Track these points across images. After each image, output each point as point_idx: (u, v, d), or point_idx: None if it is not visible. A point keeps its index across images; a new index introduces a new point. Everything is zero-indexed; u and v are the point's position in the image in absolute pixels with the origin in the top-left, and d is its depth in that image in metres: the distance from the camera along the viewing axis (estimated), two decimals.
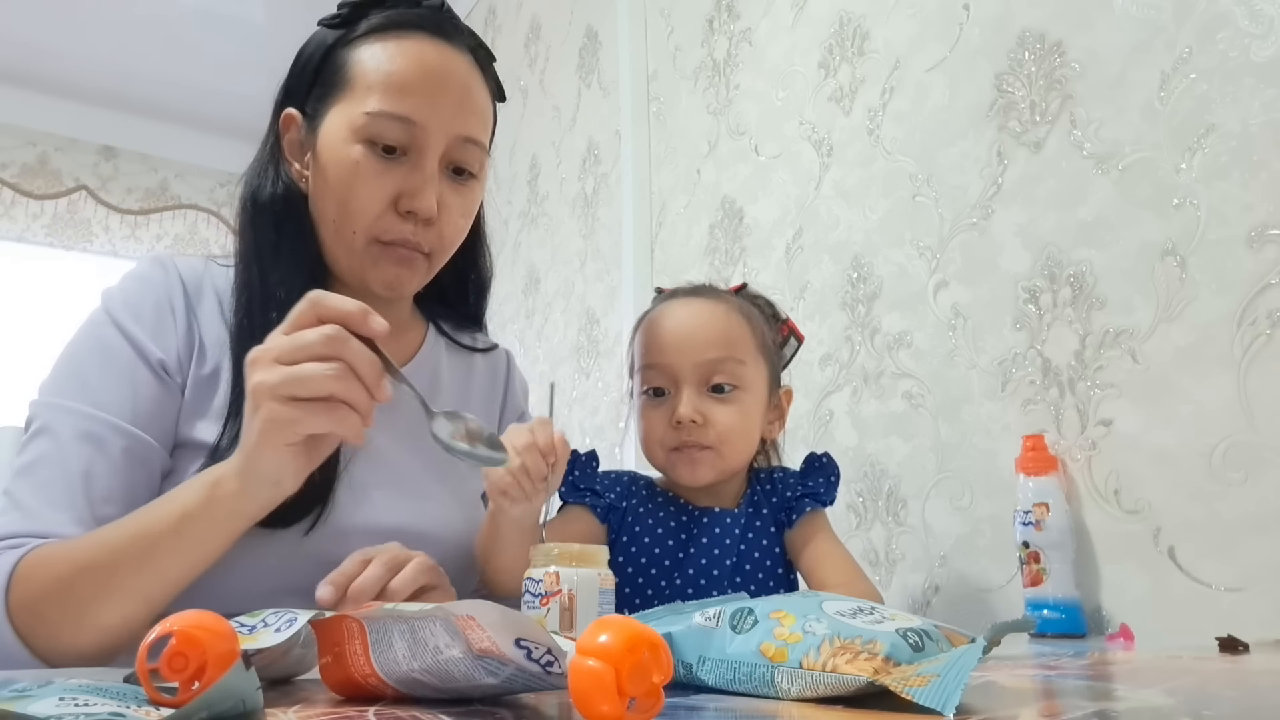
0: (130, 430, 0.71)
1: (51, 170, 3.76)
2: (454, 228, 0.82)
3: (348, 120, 0.76)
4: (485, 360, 0.99)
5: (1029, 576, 0.99)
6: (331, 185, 0.77)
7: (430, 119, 0.76)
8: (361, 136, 0.76)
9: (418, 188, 0.76)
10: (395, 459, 0.83)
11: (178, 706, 0.33)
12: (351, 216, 0.77)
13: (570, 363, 2.19)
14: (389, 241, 0.78)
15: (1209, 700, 0.42)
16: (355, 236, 0.78)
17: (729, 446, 0.94)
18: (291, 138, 0.82)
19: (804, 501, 0.95)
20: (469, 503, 0.88)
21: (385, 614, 0.39)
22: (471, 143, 0.80)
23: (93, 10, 3.15)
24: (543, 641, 0.36)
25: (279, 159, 0.82)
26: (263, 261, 0.78)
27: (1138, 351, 0.99)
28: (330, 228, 0.79)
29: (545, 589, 0.59)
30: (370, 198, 0.76)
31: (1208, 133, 0.95)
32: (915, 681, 0.37)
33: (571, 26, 2.33)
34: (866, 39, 1.40)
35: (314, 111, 0.80)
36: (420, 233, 0.79)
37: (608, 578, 0.61)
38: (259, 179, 0.82)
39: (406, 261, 0.79)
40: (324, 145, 0.78)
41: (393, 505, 0.80)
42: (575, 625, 0.57)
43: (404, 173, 0.76)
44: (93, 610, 0.62)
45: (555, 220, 2.33)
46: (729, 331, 0.95)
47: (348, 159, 0.76)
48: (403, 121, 0.75)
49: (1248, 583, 0.87)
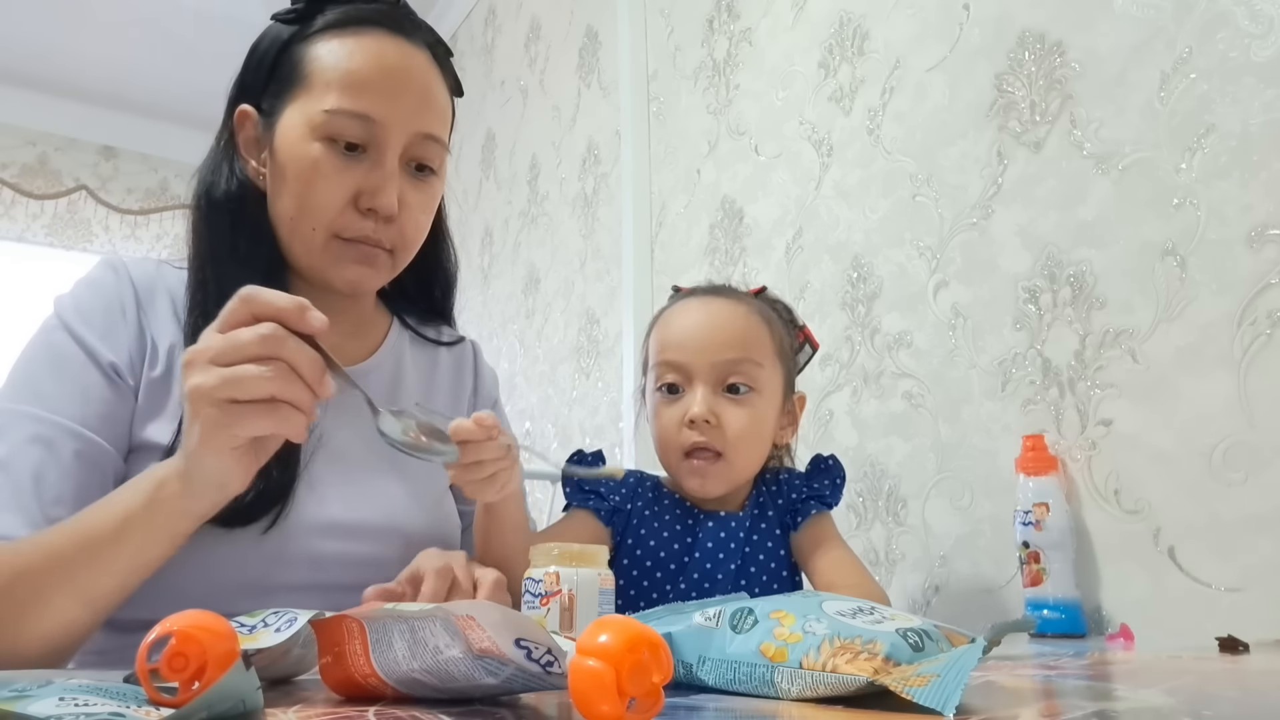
0: (82, 433, 0.71)
1: (51, 170, 3.76)
2: (415, 224, 0.81)
3: (306, 118, 0.75)
4: (451, 354, 0.99)
5: (1029, 576, 0.99)
6: (290, 183, 0.76)
7: (390, 116, 0.76)
8: (321, 134, 0.75)
9: (378, 185, 0.76)
10: (355, 454, 0.82)
11: (178, 706, 0.33)
12: (311, 214, 0.76)
13: (570, 363, 2.19)
14: (350, 239, 0.77)
15: (1209, 700, 0.42)
16: (314, 234, 0.77)
17: (739, 453, 0.93)
18: (247, 134, 0.81)
19: (809, 504, 0.95)
20: (432, 495, 0.87)
21: (385, 614, 0.39)
22: (432, 139, 0.80)
23: (93, 10, 3.15)
24: (543, 641, 0.36)
25: (233, 156, 0.81)
26: (218, 260, 0.77)
27: (1138, 351, 0.99)
28: (288, 225, 0.78)
29: (545, 589, 0.59)
30: (330, 195, 0.75)
31: (1208, 133, 0.95)
32: (915, 681, 0.37)
33: (571, 26, 2.33)
34: (866, 39, 1.40)
35: (270, 108, 0.79)
36: (381, 230, 0.78)
37: (608, 578, 0.61)
38: (212, 175, 0.81)
39: (368, 259, 0.79)
40: (282, 142, 0.77)
41: (352, 501, 0.79)
42: (575, 625, 0.57)
43: (364, 170, 0.76)
44: (32, 615, 0.61)
45: (555, 220, 2.33)
46: (748, 333, 0.95)
47: (306, 156, 0.75)
48: (362, 119, 0.75)
49: (1248, 583, 0.87)
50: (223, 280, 0.75)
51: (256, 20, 0.80)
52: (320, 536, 0.75)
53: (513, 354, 2.47)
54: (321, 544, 0.75)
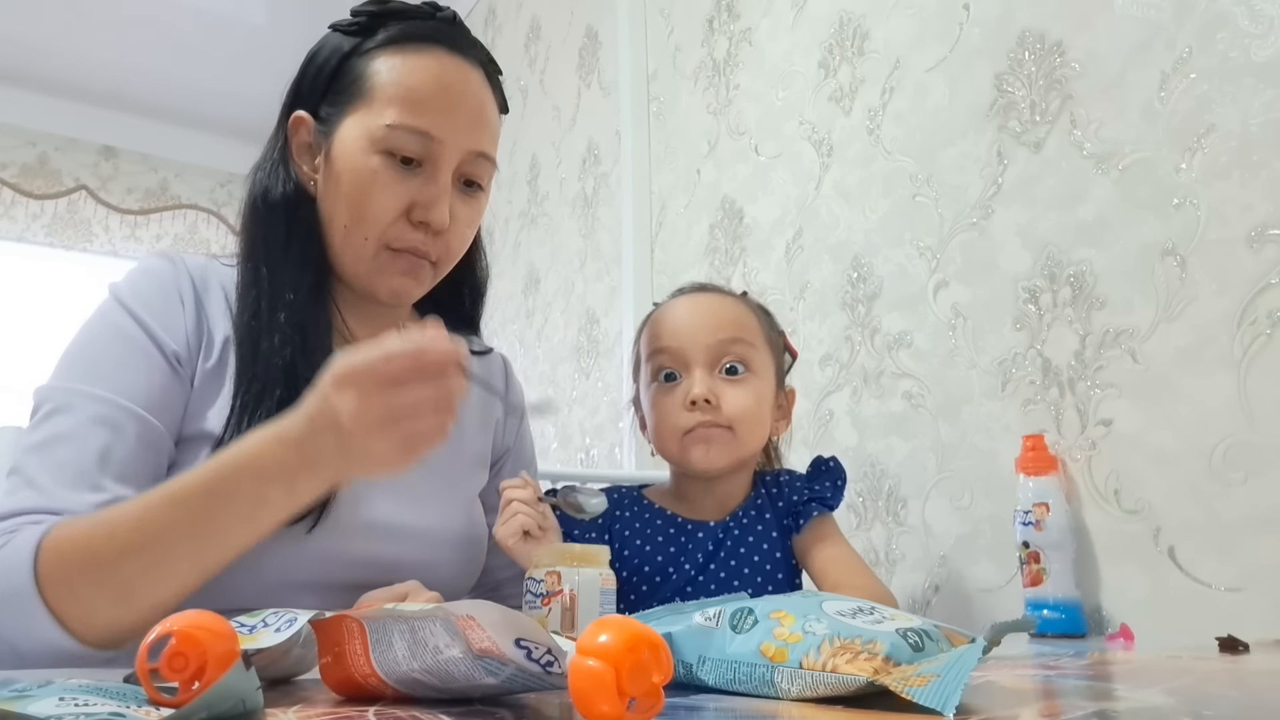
0: (145, 416, 0.72)
1: (51, 170, 3.76)
2: (460, 238, 0.84)
3: (366, 130, 0.78)
4: (481, 364, 0.99)
5: (1029, 576, 0.99)
6: (345, 191, 0.78)
7: (447, 134, 0.78)
8: (380, 148, 0.77)
9: (432, 200, 0.78)
10: None
11: (178, 706, 0.33)
12: (365, 223, 0.78)
13: (570, 363, 2.19)
14: (399, 249, 0.79)
15: (1209, 700, 0.42)
16: (366, 243, 0.79)
17: (743, 426, 0.93)
18: (301, 140, 0.83)
19: (811, 506, 0.95)
20: (468, 500, 0.89)
21: (385, 614, 0.39)
22: (484, 158, 0.82)
23: (93, 10, 3.15)
24: (543, 641, 0.36)
25: (288, 160, 0.83)
26: (271, 260, 0.79)
27: (1138, 351, 0.99)
28: (340, 233, 0.80)
29: (546, 589, 0.59)
30: (385, 206, 0.78)
31: (1208, 133, 0.95)
32: (915, 681, 0.37)
33: (571, 26, 2.33)
34: (866, 39, 1.40)
35: (328, 117, 0.81)
36: (429, 242, 0.80)
37: (609, 578, 0.62)
38: (269, 179, 0.82)
39: (413, 271, 0.81)
40: (340, 152, 0.79)
41: (393, 503, 0.80)
42: (577, 625, 0.58)
43: (419, 184, 0.78)
44: (142, 589, 0.62)
45: (555, 220, 2.33)
46: (739, 316, 0.97)
47: (365, 168, 0.77)
48: (421, 136, 0.77)
49: (1248, 583, 0.87)
50: (275, 280, 0.78)
51: (257, 20, 0.81)
52: (364, 536, 0.77)
53: (513, 354, 2.47)
54: (365, 545, 0.77)
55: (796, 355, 1.08)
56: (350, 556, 0.76)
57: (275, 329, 0.76)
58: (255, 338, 0.76)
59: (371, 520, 0.78)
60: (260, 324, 0.76)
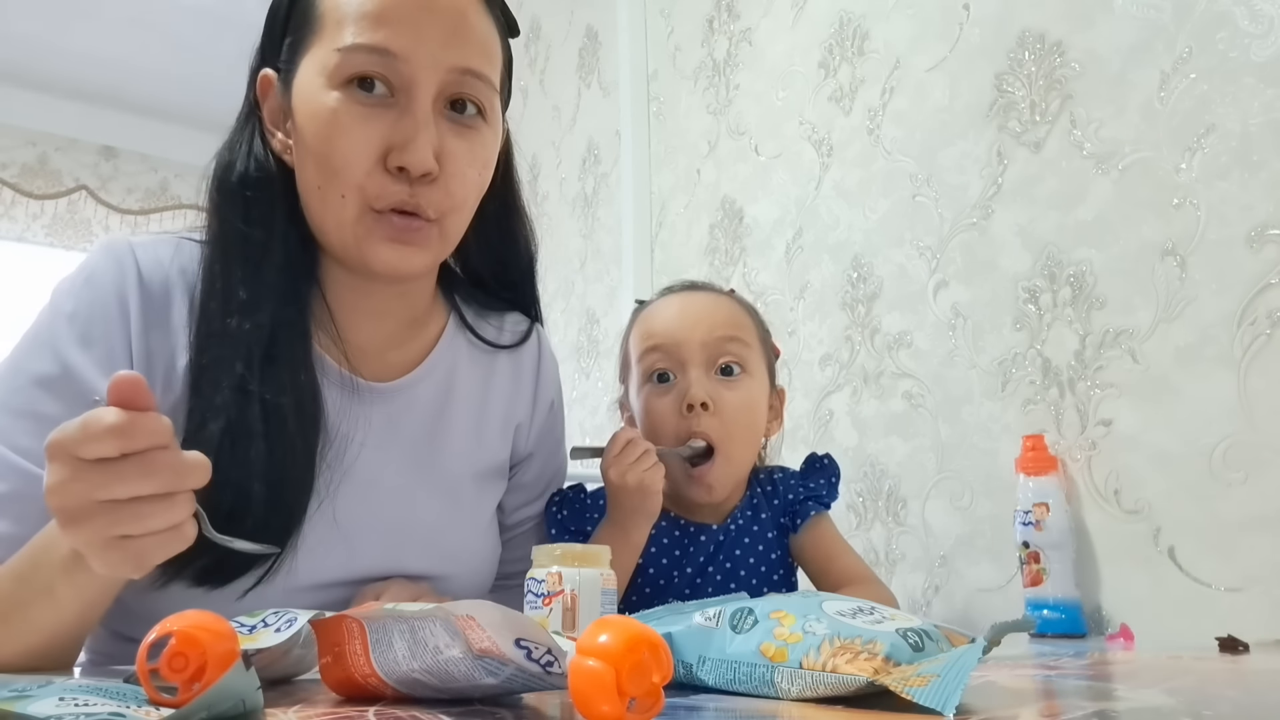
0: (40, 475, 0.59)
1: (51, 170, 3.76)
2: (463, 181, 0.67)
3: (319, 65, 0.64)
4: (511, 359, 0.85)
5: (1029, 576, 0.99)
6: (310, 145, 0.65)
7: (415, 49, 0.63)
8: (337, 79, 0.63)
9: (408, 136, 0.63)
10: (388, 481, 0.72)
11: (178, 706, 0.33)
12: (336, 177, 0.64)
13: (570, 363, 2.19)
14: (382, 210, 0.65)
15: (1209, 700, 0.42)
16: (345, 203, 0.64)
17: (738, 438, 0.91)
18: (271, 105, 0.70)
19: (808, 505, 0.94)
20: (478, 528, 0.78)
21: (385, 614, 0.39)
22: (471, 75, 0.66)
23: (93, 10, 3.15)
24: (543, 641, 0.36)
25: (255, 130, 0.70)
26: (229, 255, 0.67)
27: (1138, 351, 0.99)
28: (317, 199, 0.66)
29: (548, 589, 0.58)
30: (353, 150, 0.63)
31: (1208, 133, 0.95)
32: (915, 681, 0.37)
33: (571, 26, 2.33)
34: (866, 39, 1.40)
35: (288, 66, 0.68)
36: (422, 193, 0.65)
37: (610, 578, 0.61)
38: (230, 154, 0.70)
39: (405, 233, 0.66)
40: (299, 100, 0.66)
41: (380, 553, 0.69)
42: (578, 625, 0.57)
43: (391, 119, 0.64)
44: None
45: (555, 220, 2.33)
46: (734, 315, 0.95)
47: (323, 109, 0.63)
48: (381, 54, 0.62)
49: (1248, 583, 0.87)
50: (231, 276, 0.66)
51: (256, 20, 0.78)
52: (312, 597, 0.66)
53: None
54: (313, 604, 0.67)
55: (779, 354, 1.07)
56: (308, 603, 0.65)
57: (226, 337, 0.64)
58: (204, 356, 0.64)
59: (327, 579, 0.67)
60: (209, 330, 0.65)
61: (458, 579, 0.75)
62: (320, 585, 0.67)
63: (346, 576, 0.69)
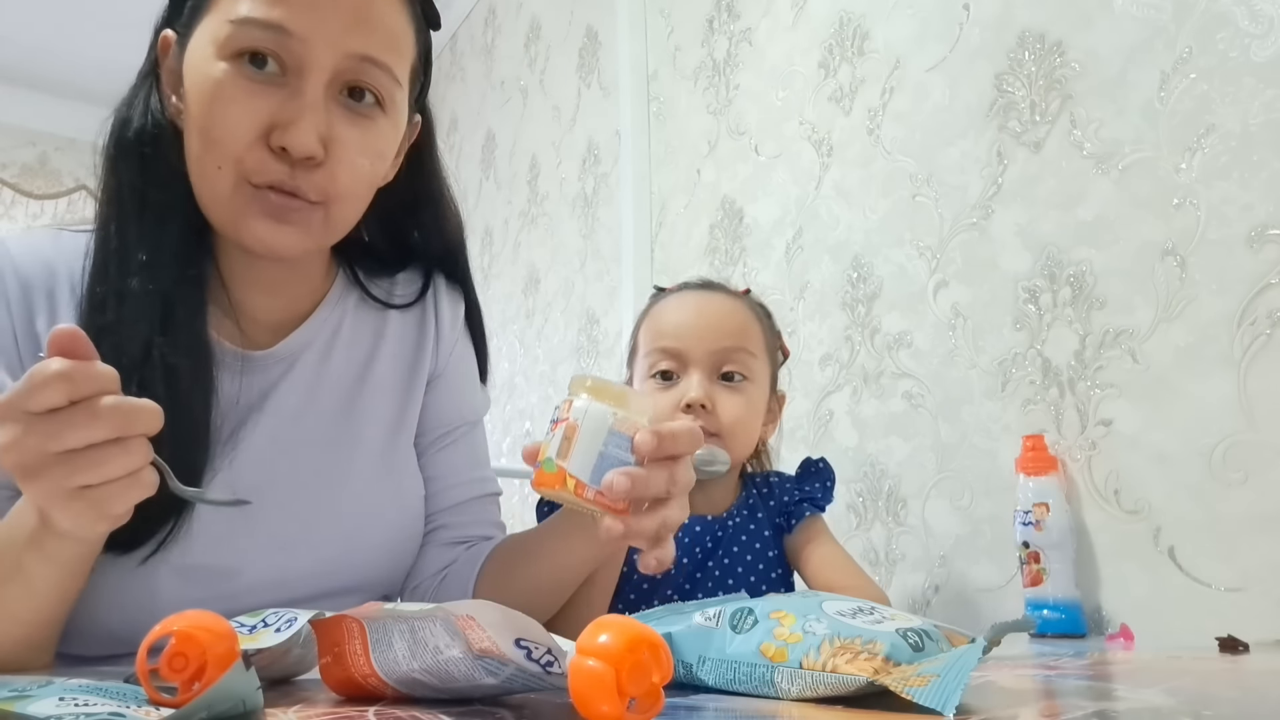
0: None
1: (51, 170, 3.76)
2: (351, 169, 0.65)
3: (212, 34, 0.63)
4: (404, 319, 0.82)
5: (1029, 576, 0.99)
6: (194, 112, 0.63)
7: (313, 30, 0.61)
8: (227, 51, 0.62)
9: (293, 117, 0.61)
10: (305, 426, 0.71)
11: (178, 706, 0.33)
12: (215, 147, 0.62)
13: (570, 363, 2.19)
14: (259, 185, 0.63)
15: (1209, 700, 0.42)
16: (221, 174, 0.63)
17: (733, 438, 0.94)
18: (169, 66, 0.68)
19: (803, 507, 0.96)
20: (394, 495, 0.76)
21: (385, 614, 0.39)
22: (371, 63, 0.64)
23: (93, 10, 3.15)
24: (543, 641, 0.36)
25: (153, 89, 0.69)
26: (123, 216, 0.65)
27: (1138, 351, 0.99)
28: (197, 168, 0.64)
29: (559, 414, 0.56)
30: (235, 123, 0.61)
31: (1208, 133, 0.95)
32: (915, 681, 0.37)
33: (571, 26, 2.33)
34: (866, 39, 1.40)
35: (185, 30, 0.66)
36: (303, 176, 0.63)
37: (625, 421, 0.55)
38: (127, 111, 0.69)
39: (281, 212, 0.64)
40: (189, 67, 0.64)
41: (253, 532, 0.67)
42: (571, 455, 0.53)
43: (281, 98, 0.62)
44: None
45: (555, 220, 2.33)
46: (744, 324, 0.97)
47: (209, 79, 0.62)
48: (275, 31, 0.61)
49: (1248, 583, 0.87)
50: (126, 235, 0.65)
51: None
52: (240, 564, 0.66)
53: (513, 354, 2.47)
54: (243, 571, 0.66)
55: (788, 354, 1.09)
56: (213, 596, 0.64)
57: (122, 300, 0.62)
58: (99, 309, 0.63)
59: (227, 563, 0.66)
60: (106, 293, 0.63)
61: (363, 538, 0.73)
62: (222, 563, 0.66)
63: (249, 548, 0.67)
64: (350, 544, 0.72)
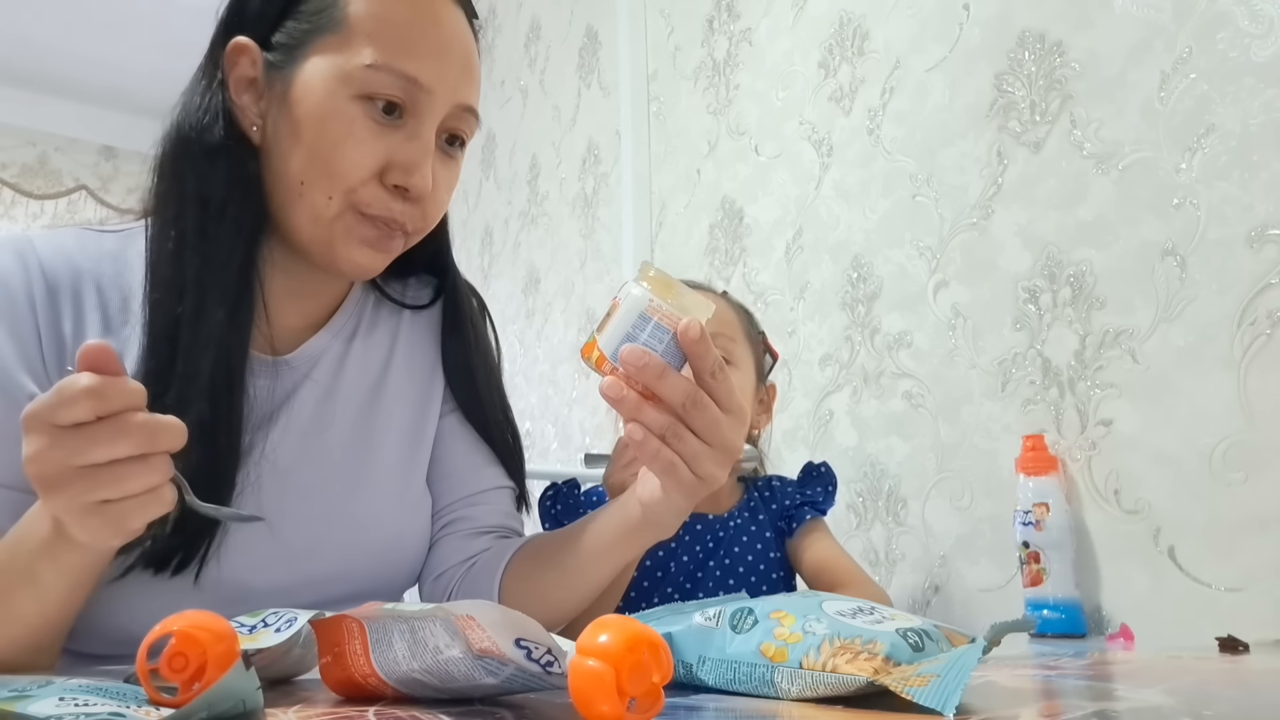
0: None
1: (51, 170, 3.77)
2: (439, 205, 0.72)
3: (339, 70, 0.65)
4: (415, 320, 0.84)
5: (1029, 576, 0.99)
6: (308, 140, 0.65)
7: (437, 83, 0.66)
8: (357, 91, 0.64)
9: (414, 160, 0.66)
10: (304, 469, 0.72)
11: (178, 706, 0.33)
12: (331, 179, 0.65)
13: (570, 363, 2.19)
14: (370, 215, 0.67)
15: (1209, 700, 0.42)
16: (329, 203, 0.65)
17: None
18: (242, 73, 0.68)
19: (804, 510, 0.96)
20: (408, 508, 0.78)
21: (385, 614, 0.39)
22: (471, 113, 0.70)
23: (93, 10, 3.15)
24: (543, 641, 0.36)
25: (223, 94, 0.68)
26: (201, 227, 0.66)
27: (1138, 351, 0.99)
28: (294, 188, 0.66)
29: (617, 294, 0.57)
30: (358, 163, 0.65)
31: (1208, 133, 0.95)
32: (915, 681, 0.37)
33: (571, 26, 2.33)
34: (866, 39, 1.40)
35: (285, 48, 0.67)
36: (405, 210, 0.68)
37: (664, 312, 0.55)
38: (200, 114, 0.68)
39: (384, 241, 0.68)
40: (303, 93, 0.65)
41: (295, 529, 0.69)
42: (605, 330, 0.55)
43: (399, 140, 0.66)
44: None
45: (555, 220, 2.33)
46: (721, 313, 0.98)
47: (338, 114, 0.64)
48: (408, 82, 0.65)
49: (1248, 583, 0.87)
50: (188, 235, 0.65)
51: None
52: (258, 573, 0.68)
53: (513, 354, 2.47)
54: (260, 580, 0.68)
55: (778, 357, 1.10)
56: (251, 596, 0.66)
57: (185, 321, 0.63)
58: (169, 312, 0.64)
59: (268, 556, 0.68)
60: (165, 311, 0.64)
61: (380, 544, 0.74)
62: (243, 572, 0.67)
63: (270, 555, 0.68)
64: (367, 550, 0.73)
